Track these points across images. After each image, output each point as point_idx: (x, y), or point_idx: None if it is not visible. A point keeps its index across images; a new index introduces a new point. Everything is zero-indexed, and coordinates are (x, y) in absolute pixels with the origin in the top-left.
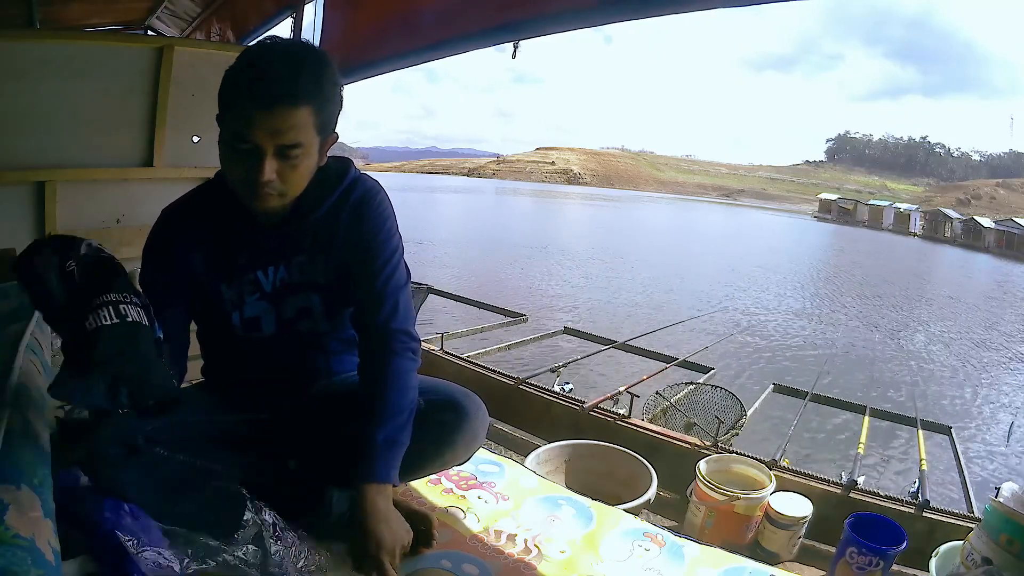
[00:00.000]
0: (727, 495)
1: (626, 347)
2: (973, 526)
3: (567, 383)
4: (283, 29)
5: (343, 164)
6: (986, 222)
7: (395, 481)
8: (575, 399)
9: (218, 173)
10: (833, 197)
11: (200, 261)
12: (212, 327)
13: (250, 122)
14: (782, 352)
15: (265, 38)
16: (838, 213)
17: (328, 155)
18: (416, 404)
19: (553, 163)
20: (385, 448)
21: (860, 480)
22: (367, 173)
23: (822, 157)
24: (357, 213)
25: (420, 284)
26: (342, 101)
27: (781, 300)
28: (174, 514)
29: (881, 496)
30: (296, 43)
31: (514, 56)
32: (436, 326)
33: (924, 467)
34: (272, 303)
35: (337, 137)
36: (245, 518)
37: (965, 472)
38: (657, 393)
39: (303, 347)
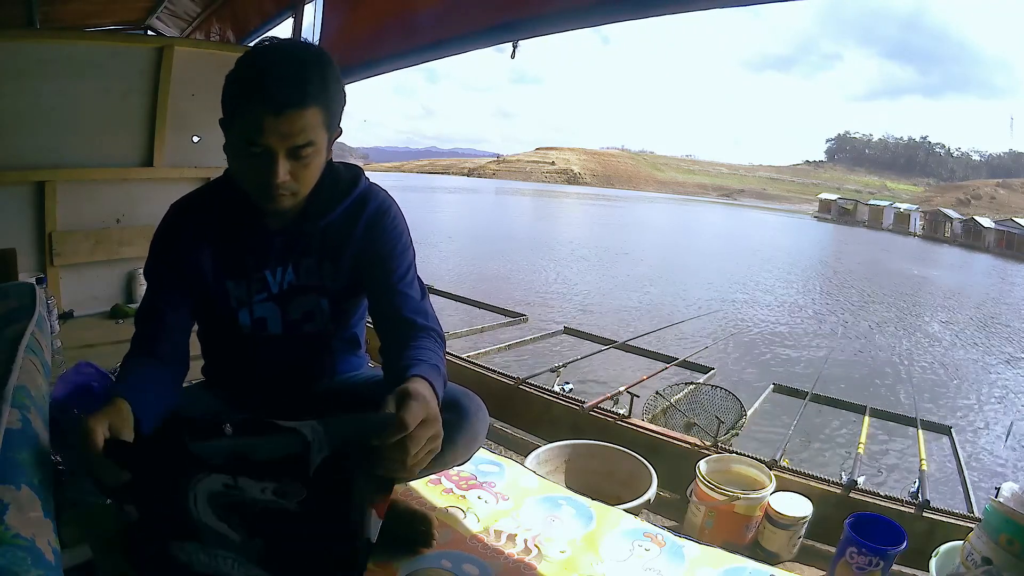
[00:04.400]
0: (727, 495)
1: (626, 347)
2: (973, 526)
3: (567, 383)
4: (283, 29)
5: (354, 172)
6: (986, 222)
7: (439, 390)
8: (575, 399)
9: (226, 171)
10: (833, 197)
11: (208, 257)
12: (215, 326)
13: (260, 127)
14: (782, 352)
15: (264, 40)
16: (838, 213)
17: (338, 161)
18: (445, 380)
19: (553, 163)
20: (430, 365)
21: (860, 480)
22: (377, 183)
23: (822, 157)
24: (372, 227)
25: None
26: (345, 97)
27: (781, 300)
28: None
29: (881, 496)
30: (297, 43)
31: (513, 56)
32: None
33: (924, 467)
34: (279, 304)
35: (341, 132)
36: None
37: (965, 472)
38: (657, 393)
39: (307, 348)
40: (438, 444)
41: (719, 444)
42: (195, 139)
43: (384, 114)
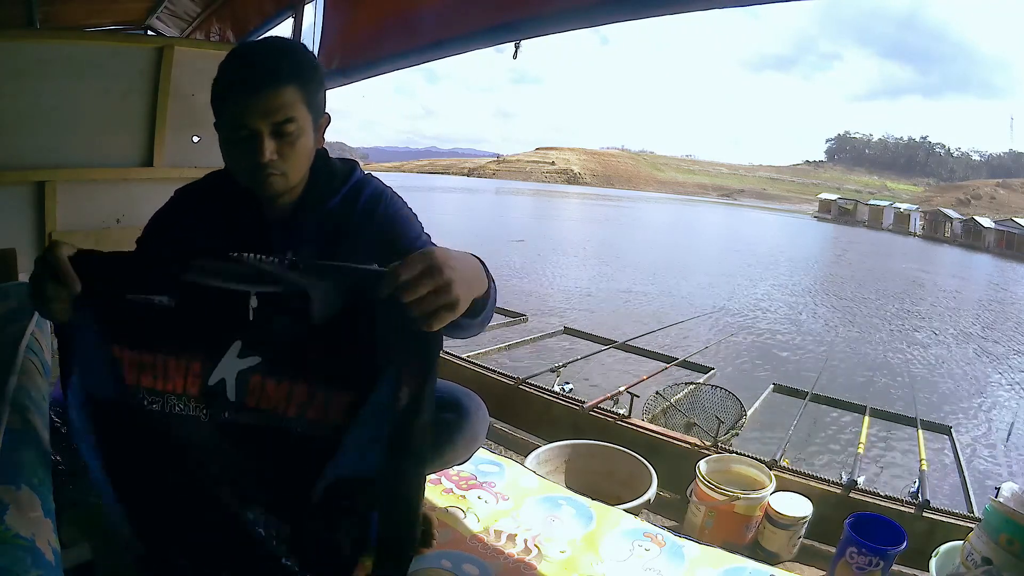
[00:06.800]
0: (727, 495)
1: (626, 347)
2: (973, 526)
3: (567, 383)
4: (283, 29)
5: (349, 164)
6: (986, 222)
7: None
8: (575, 399)
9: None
10: (833, 197)
11: (205, 244)
12: None
13: (243, 109)
14: (782, 352)
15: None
16: (838, 213)
17: (334, 156)
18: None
19: (553, 163)
20: None
21: (860, 480)
22: (372, 174)
23: (822, 157)
24: (369, 212)
25: None
26: (324, 82)
27: (781, 299)
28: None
29: (881, 496)
30: (272, 38)
31: (515, 56)
32: None
33: (924, 467)
34: None
35: (329, 119)
36: None
37: (965, 472)
38: (657, 393)
39: None
40: (444, 299)
41: (719, 444)
42: (195, 139)
43: (384, 114)
